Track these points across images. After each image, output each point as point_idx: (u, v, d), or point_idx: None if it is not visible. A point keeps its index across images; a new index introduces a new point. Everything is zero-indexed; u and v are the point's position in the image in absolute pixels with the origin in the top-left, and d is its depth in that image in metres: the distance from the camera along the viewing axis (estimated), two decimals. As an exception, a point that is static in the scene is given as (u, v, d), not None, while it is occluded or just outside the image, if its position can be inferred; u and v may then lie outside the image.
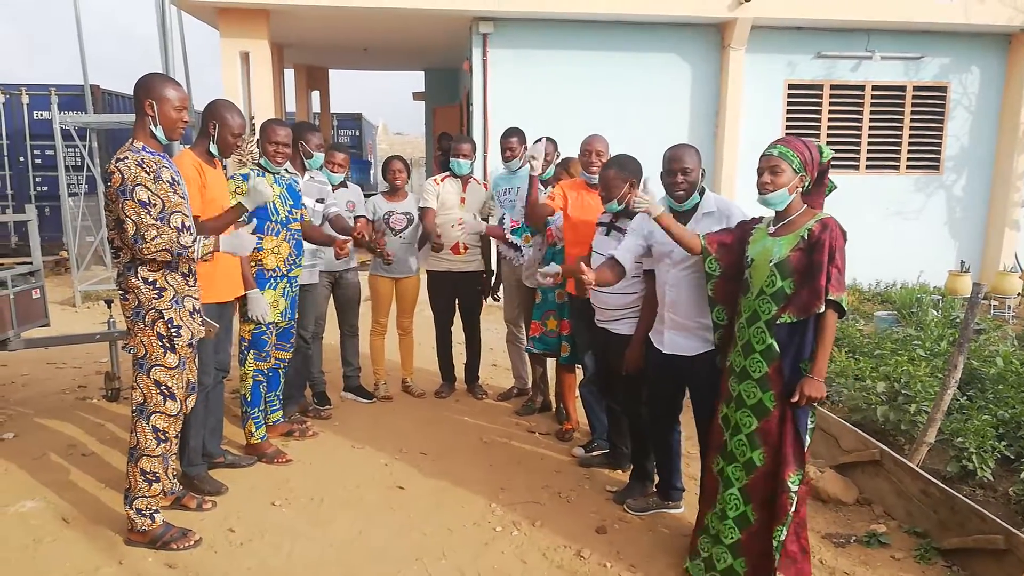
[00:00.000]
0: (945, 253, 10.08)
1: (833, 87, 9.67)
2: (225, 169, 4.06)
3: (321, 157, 4.82)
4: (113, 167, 3.11)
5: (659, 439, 3.79)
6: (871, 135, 9.83)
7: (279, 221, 4.24)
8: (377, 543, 3.53)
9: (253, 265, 4.18)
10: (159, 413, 3.31)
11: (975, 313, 3.97)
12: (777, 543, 2.96)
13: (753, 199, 3.10)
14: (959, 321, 5.85)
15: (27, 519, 3.66)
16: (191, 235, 3.28)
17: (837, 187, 3.13)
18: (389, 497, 4.01)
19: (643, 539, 3.63)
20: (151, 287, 3.22)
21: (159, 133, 3.25)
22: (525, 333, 5.37)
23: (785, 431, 2.95)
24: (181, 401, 3.38)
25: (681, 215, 3.45)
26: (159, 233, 3.12)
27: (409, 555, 3.43)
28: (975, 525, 3.30)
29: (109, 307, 5.71)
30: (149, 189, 3.12)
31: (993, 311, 8.57)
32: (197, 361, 3.57)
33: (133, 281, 3.21)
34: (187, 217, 3.30)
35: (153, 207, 3.12)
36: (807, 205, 3.03)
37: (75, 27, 10.29)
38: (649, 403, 3.72)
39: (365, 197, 5.40)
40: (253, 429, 4.39)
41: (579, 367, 4.67)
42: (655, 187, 3.22)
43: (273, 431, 4.62)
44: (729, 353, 3.16)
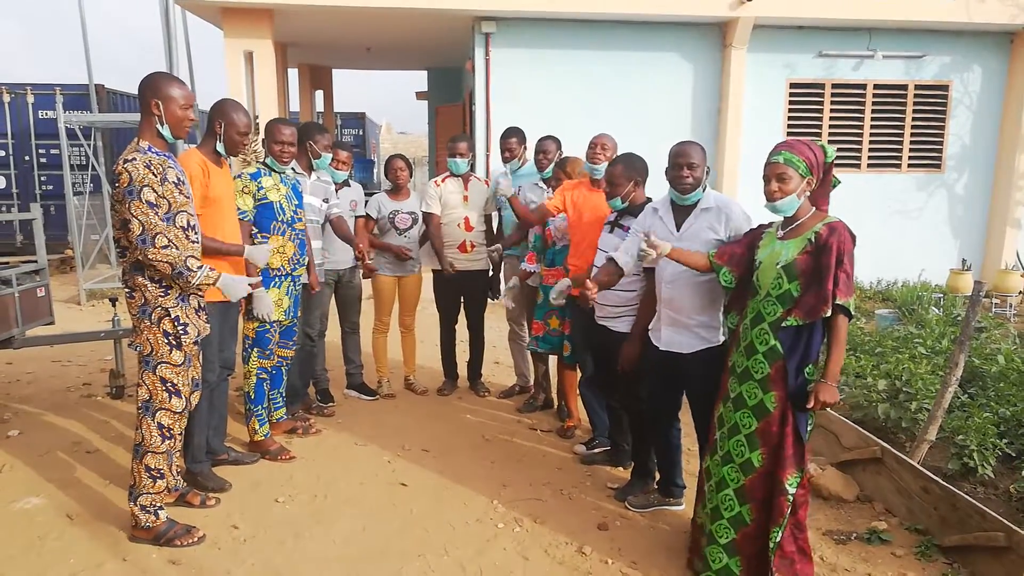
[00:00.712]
0: (946, 251, 10.08)
1: (835, 86, 9.67)
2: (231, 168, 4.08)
3: (328, 157, 4.83)
4: (121, 168, 3.13)
5: (659, 436, 3.80)
6: (873, 134, 9.83)
7: (284, 221, 4.26)
8: (380, 540, 3.55)
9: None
10: (164, 410, 3.33)
11: (976, 311, 3.98)
12: (773, 544, 2.97)
13: (755, 198, 3.12)
14: (960, 319, 5.85)
15: (32, 516, 3.68)
16: (196, 236, 3.31)
17: (841, 182, 3.14)
18: (392, 494, 4.03)
19: (644, 536, 3.64)
20: (158, 285, 3.24)
21: (165, 132, 3.27)
22: (527, 331, 5.39)
23: (785, 433, 2.96)
24: (186, 398, 3.40)
25: (682, 209, 3.46)
26: (170, 244, 3.15)
27: (411, 551, 3.45)
28: (976, 522, 3.31)
29: (114, 305, 5.74)
30: (156, 191, 3.14)
31: (994, 309, 8.58)
32: (202, 359, 3.59)
33: (140, 280, 3.23)
34: (192, 216, 3.33)
35: (160, 208, 3.15)
36: (814, 205, 3.03)
37: (79, 27, 10.33)
38: (648, 400, 3.74)
39: (368, 196, 5.42)
40: (257, 426, 4.42)
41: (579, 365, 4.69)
42: (658, 240, 3.22)
43: (276, 428, 4.65)
44: (731, 353, 3.17)
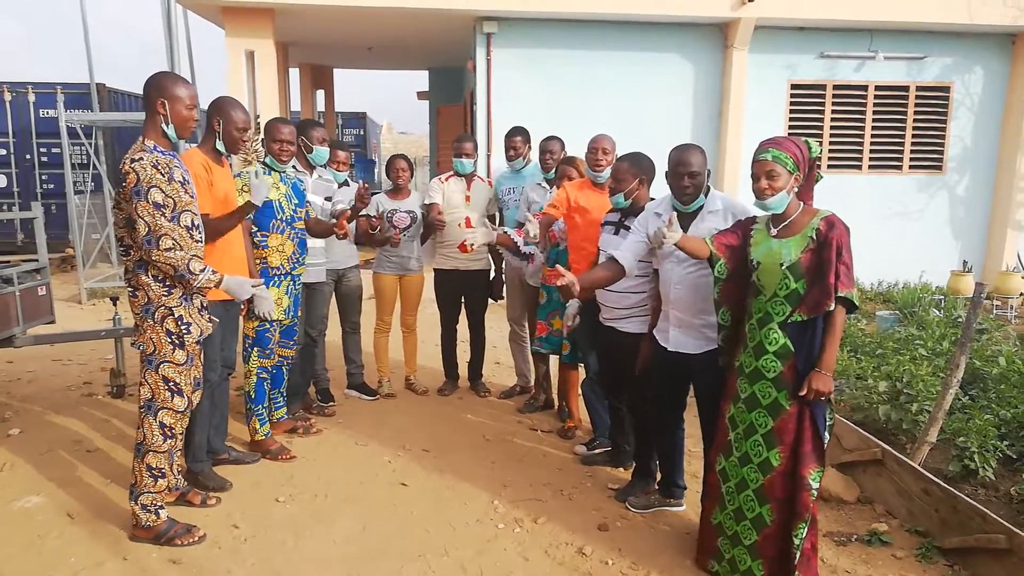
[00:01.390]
0: (947, 253, 10.08)
1: (836, 87, 9.68)
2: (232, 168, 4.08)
3: (324, 151, 4.79)
4: (128, 167, 3.13)
5: (663, 437, 3.80)
6: (874, 135, 9.83)
7: (284, 219, 4.26)
8: (380, 540, 3.55)
9: (258, 263, 4.21)
10: (167, 409, 3.33)
11: (977, 313, 3.98)
12: (798, 541, 2.97)
13: (753, 198, 3.11)
14: (961, 321, 5.85)
15: (32, 514, 3.68)
16: (200, 236, 3.32)
17: (822, 177, 3.15)
18: (392, 494, 4.03)
19: (645, 536, 3.64)
20: (161, 284, 3.24)
21: (170, 132, 3.27)
22: (528, 332, 5.39)
23: (804, 428, 2.97)
24: (188, 398, 3.40)
25: (687, 215, 3.46)
26: (175, 247, 3.15)
27: (412, 552, 3.44)
28: (977, 524, 3.30)
29: (114, 304, 5.74)
30: (163, 191, 3.14)
31: (995, 311, 8.57)
32: (203, 358, 3.59)
33: (143, 279, 3.23)
34: (196, 216, 3.33)
35: (167, 208, 3.15)
36: (801, 200, 3.05)
37: (81, 26, 10.34)
38: (653, 400, 3.74)
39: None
40: (257, 426, 4.42)
41: (581, 365, 4.69)
42: (678, 228, 3.20)
43: (277, 428, 4.65)
44: (738, 354, 3.17)
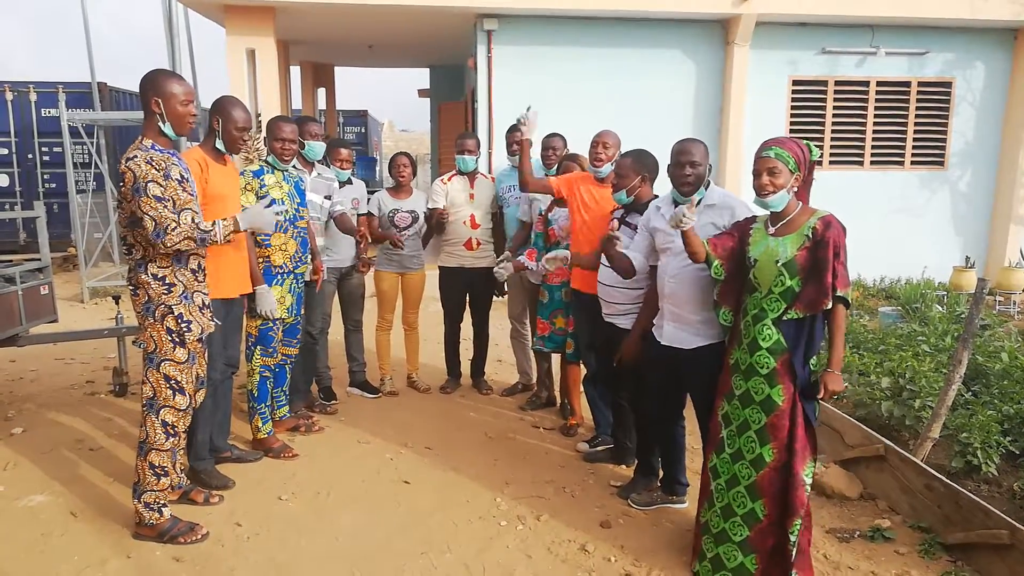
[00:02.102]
0: (950, 249, 10.05)
1: (837, 83, 9.65)
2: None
3: (318, 146, 4.77)
4: (124, 167, 3.14)
5: (662, 433, 3.80)
6: (875, 131, 9.81)
7: (287, 218, 4.26)
8: (383, 537, 3.56)
9: (260, 262, 4.21)
10: (168, 407, 3.34)
11: (980, 308, 3.97)
12: (794, 537, 2.97)
13: (754, 194, 3.11)
14: (964, 317, 5.84)
15: (36, 513, 3.69)
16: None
17: (815, 179, 3.14)
18: (395, 491, 4.03)
19: (647, 534, 3.65)
20: (161, 283, 3.25)
21: (167, 129, 3.27)
22: (529, 330, 5.39)
23: (796, 424, 2.98)
24: (190, 396, 3.40)
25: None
26: (178, 224, 3.16)
27: (415, 549, 3.45)
28: (979, 520, 3.30)
29: (117, 303, 5.74)
30: (161, 185, 3.15)
31: (998, 307, 8.56)
32: (206, 356, 3.59)
33: (143, 277, 3.24)
34: (196, 213, 3.32)
35: (168, 201, 3.16)
36: (798, 200, 3.06)
37: (82, 24, 10.34)
38: (651, 397, 3.74)
39: (369, 193, 5.42)
40: (260, 424, 4.42)
41: (583, 362, 4.69)
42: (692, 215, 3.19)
43: (280, 426, 4.65)
44: (731, 351, 3.17)
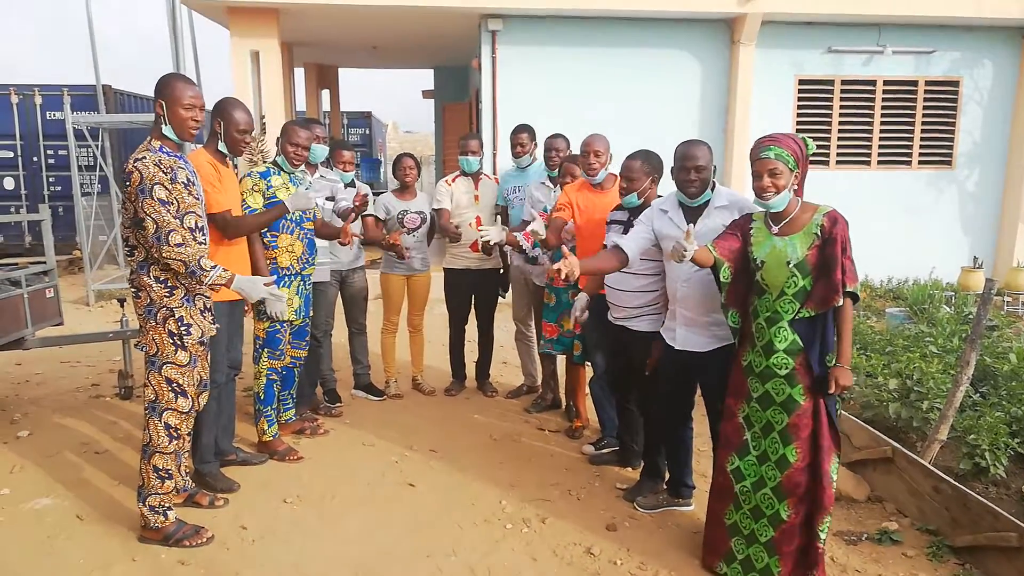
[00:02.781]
0: (957, 249, 10.01)
1: (844, 82, 9.62)
2: (236, 169, 4.08)
3: (320, 149, 4.76)
4: (132, 167, 3.14)
5: (672, 436, 3.78)
6: (883, 131, 9.77)
7: (294, 220, 4.25)
8: (388, 540, 3.54)
9: (268, 263, 4.20)
10: (171, 410, 3.33)
11: (988, 309, 3.94)
12: (824, 536, 2.99)
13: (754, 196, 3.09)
14: (971, 318, 5.80)
15: (42, 516, 3.69)
16: (204, 238, 3.32)
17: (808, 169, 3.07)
18: (400, 494, 4.02)
19: (653, 536, 3.63)
20: (162, 285, 3.24)
21: (168, 133, 3.26)
22: (535, 332, 5.37)
23: (820, 423, 2.98)
24: (193, 398, 3.40)
25: (693, 210, 3.44)
26: (184, 242, 3.15)
27: (419, 552, 3.44)
28: (988, 523, 3.28)
29: (122, 306, 5.75)
30: (167, 188, 3.15)
31: (1006, 307, 8.52)
32: (209, 359, 3.58)
33: (145, 279, 3.24)
34: (200, 217, 3.32)
35: (172, 205, 3.15)
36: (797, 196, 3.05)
37: (86, 27, 10.37)
38: (661, 400, 3.72)
39: (375, 195, 5.41)
40: (265, 427, 4.41)
41: (588, 364, 4.67)
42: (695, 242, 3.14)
43: (285, 429, 4.64)
44: (744, 353, 3.15)
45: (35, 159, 11.36)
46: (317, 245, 4.60)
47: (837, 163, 9.72)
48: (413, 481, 4.16)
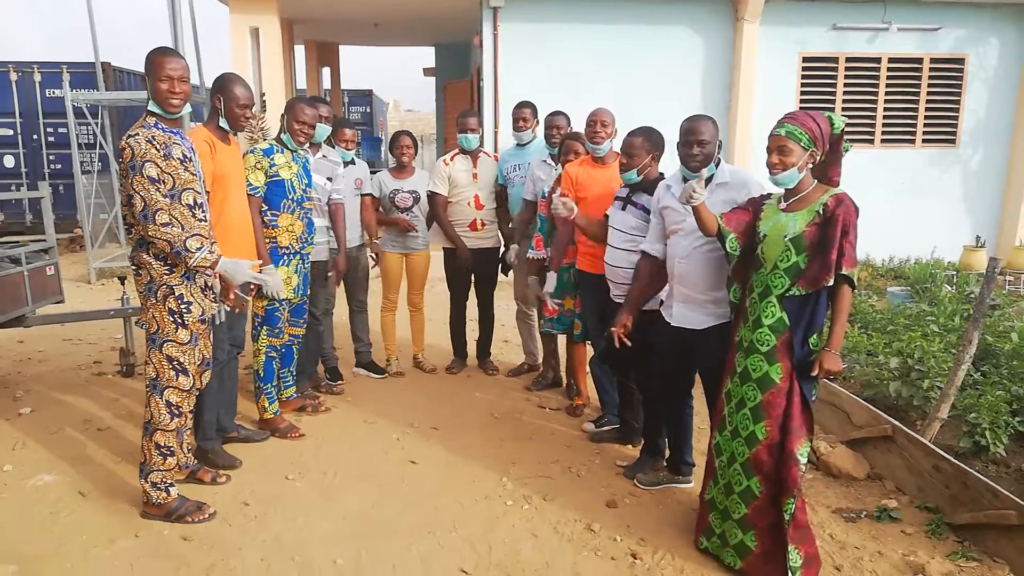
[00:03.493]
0: (960, 228, 9.97)
1: (848, 60, 9.53)
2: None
3: (323, 128, 4.70)
4: (124, 143, 3.12)
5: (670, 414, 3.79)
6: (887, 108, 9.70)
7: (294, 199, 4.23)
8: (389, 517, 3.56)
9: (267, 243, 4.19)
10: (172, 388, 3.34)
11: (990, 288, 3.93)
12: (788, 515, 2.96)
13: (767, 172, 3.07)
14: (973, 296, 5.80)
15: (45, 492, 3.71)
16: (203, 214, 3.29)
17: (850, 148, 3.08)
18: (401, 471, 4.04)
19: (653, 513, 3.64)
20: (162, 263, 3.23)
21: (153, 107, 3.22)
22: (535, 311, 5.37)
23: (793, 403, 2.96)
24: (194, 376, 3.40)
25: None
26: (171, 222, 3.13)
27: (421, 528, 3.46)
28: (987, 501, 3.29)
29: (123, 284, 5.76)
30: (159, 166, 3.12)
31: (1008, 286, 8.50)
32: (211, 337, 3.58)
33: (145, 257, 3.23)
34: (199, 194, 3.30)
35: (163, 184, 3.13)
36: (825, 175, 3.02)
37: (85, 5, 10.26)
38: (659, 377, 3.72)
39: (372, 173, 5.39)
40: (266, 404, 4.43)
41: (589, 342, 4.67)
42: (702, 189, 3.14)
43: (286, 406, 4.66)
44: (738, 328, 3.15)
45: (35, 137, 11.33)
46: (317, 225, 4.59)
47: (840, 142, 9.65)
48: (414, 458, 4.18)
